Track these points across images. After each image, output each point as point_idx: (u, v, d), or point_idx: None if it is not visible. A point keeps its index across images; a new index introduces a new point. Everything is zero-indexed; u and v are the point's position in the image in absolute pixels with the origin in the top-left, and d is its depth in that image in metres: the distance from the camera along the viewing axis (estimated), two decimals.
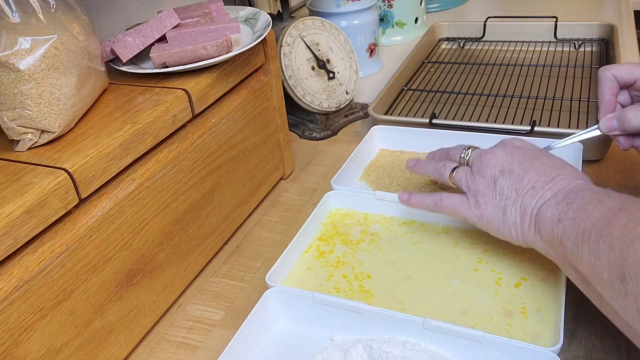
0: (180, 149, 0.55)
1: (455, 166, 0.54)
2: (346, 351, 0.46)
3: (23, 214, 0.40)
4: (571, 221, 0.42)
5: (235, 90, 0.63)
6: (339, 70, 0.87)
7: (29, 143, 0.47)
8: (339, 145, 0.84)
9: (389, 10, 1.15)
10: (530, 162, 0.49)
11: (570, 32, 1.03)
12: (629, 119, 0.52)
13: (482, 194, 0.50)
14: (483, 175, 0.50)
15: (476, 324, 0.48)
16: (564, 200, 0.44)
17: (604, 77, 0.56)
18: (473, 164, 0.52)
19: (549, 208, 0.44)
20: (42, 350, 0.42)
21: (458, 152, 0.55)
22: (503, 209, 0.49)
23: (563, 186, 0.46)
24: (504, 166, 0.49)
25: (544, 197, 0.46)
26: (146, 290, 0.52)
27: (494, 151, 0.51)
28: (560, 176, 0.47)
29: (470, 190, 0.51)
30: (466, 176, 0.52)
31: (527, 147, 0.51)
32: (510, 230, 0.49)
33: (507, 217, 0.48)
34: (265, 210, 0.71)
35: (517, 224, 0.48)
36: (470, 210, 0.51)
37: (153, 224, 0.52)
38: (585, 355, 0.47)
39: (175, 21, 0.61)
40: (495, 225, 0.49)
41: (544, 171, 0.47)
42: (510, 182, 0.48)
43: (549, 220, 0.44)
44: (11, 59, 0.43)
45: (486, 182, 0.50)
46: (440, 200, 0.53)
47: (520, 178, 0.48)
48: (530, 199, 0.47)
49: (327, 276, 0.55)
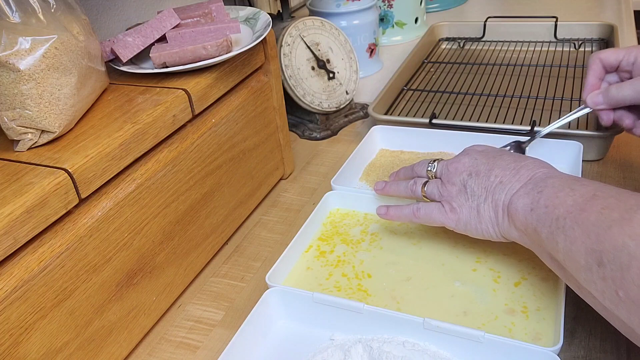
0: (180, 149, 0.55)
1: (425, 181, 0.55)
2: (346, 351, 0.46)
3: (23, 214, 0.40)
4: (544, 209, 0.43)
5: (235, 90, 0.63)
6: (339, 70, 0.87)
7: (29, 143, 0.47)
8: (339, 145, 0.84)
9: (389, 10, 1.15)
10: (493, 161, 0.51)
11: (570, 32, 1.03)
12: (612, 93, 0.58)
13: (456, 198, 0.52)
14: (453, 182, 0.52)
15: (483, 324, 0.48)
16: (534, 189, 0.45)
17: (591, 61, 0.62)
18: (442, 175, 0.54)
19: (520, 198, 0.46)
20: (42, 350, 0.42)
21: (424, 167, 0.57)
22: (477, 209, 0.50)
23: (530, 176, 0.47)
24: (471, 170, 0.51)
25: (513, 188, 0.48)
26: (146, 290, 0.52)
27: (458, 159, 0.53)
28: (524, 167, 0.48)
29: (443, 197, 0.53)
30: (437, 187, 0.54)
31: (489, 150, 0.54)
32: (488, 227, 0.50)
33: (481, 215, 0.50)
34: (265, 210, 0.71)
35: (492, 219, 0.49)
36: (447, 216, 0.52)
37: (153, 224, 0.52)
38: (585, 355, 0.47)
39: (175, 21, 0.61)
40: (473, 226, 0.51)
41: (508, 165, 0.50)
42: (479, 182, 0.50)
43: (522, 210, 0.45)
44: (11, 59, 0.43)
45: (457, 188, 0.52)
46: (417, 210, 0.54)
47: (487, 176, 0.50)
48: (499, 193, 0.49)
49: (326, 275, 0.55)
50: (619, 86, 0.58)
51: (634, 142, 0.74)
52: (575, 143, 0.65)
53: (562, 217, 0.41)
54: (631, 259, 0.35)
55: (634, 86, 0.57)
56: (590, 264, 0.38)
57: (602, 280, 0.37)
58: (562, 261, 0.42)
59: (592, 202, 0.40)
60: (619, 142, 0.74)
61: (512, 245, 0.56)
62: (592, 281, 0.38)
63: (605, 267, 0.36)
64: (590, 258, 0.38)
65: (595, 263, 0.37)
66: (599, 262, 0.37)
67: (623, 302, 0.36)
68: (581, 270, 0.39)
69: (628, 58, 0.59)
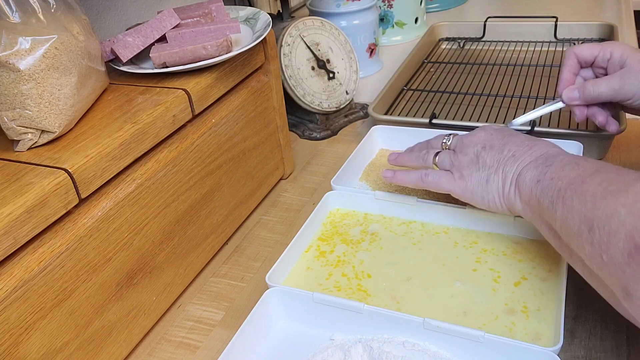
0: (180, 149, 0.55)
1: (437, 151, 0.57)
2: (346, 351, 0.46)
3: (23, 214, 0.40)
4: (549, 181, 0.45)
5: (235, 90, 0.63)
6: (339, 70, 0.87)
7: (29, 143, 0.47)
8: (339, 145, 0.84)
9: (389, 10, 1.15)
10: (509, 138, 0.53)
11: (570, 32, 1.03)
12: (588, 90, 0.59)
13: (466, 167, 0.53)
14: (466, 153, 0.54)
15: (484, 324, 0.48)
16: (544, 163, 0.47)
17: (566, 56, 0.63)
18: (456, 147, 0.56)
19: (529, 171, 0.48)
20: (42, 350, 0.42)
21: (439, 140, 0.58)
22: (486, 179, 0.52)
23: (542, 152, 0.49)
24: (485, 143, 0.53)
25: (524, 162, 0.49)
26: (146, 290, 0.52)
27: (474, 133, 0.55)
28: (537, 145, 0.50)
29: (454, 166, 0.54)
30: (449, 157, 0.55)
31: (505, 129, 0.55)
32: (494, 197, 0.51)
33: (490, 185, 0.51)
34: (265, 210, 0.71)
35: (500, 189, 0.51)
36: (455, 183, 0.54)
37: (153, 224, 0.52)
38: (585, 355, 0.47)
39: (175, 21, 0.61)
40: (480, 195, 0.52)
41: (522, 142, 0.51)
42: (492, 155, 0.52)
43: (529, 182, 0.47)
44: (11, 59, 0.43)
45: (469, 158, 0.53)
46: (426, 175, 0.56)
47: (501, 150, 0.52)
48: (510, 165, 0.50)
49: (326, 275, 0.55)
50: (595, 82, 0.59)
51: (634, 142, 0.74)
52: (575, 143, 0.65)
53: (564, 188, 0.42)
54: (619, 225, 0.36)
55: (610, 83, 0.58)
56: (582, 230, 0.39)
57: (590, 245, 0.38)
58: (558, 229, 0.43)
59: (593, 176, 0.41)
60: (619, 142, 0.74)
61: (512, 245, 0.56)
62: (582, 246, 0.40)
63: (595, 233, 0.38)
64: (583, 224, 0.39)
65: (586, 229, 0.39)
66: (590, 227, 0.38)
67: (606, 264, 0.37)
68: (573, 236, 0.41)
69: (603, 54, 0.60)
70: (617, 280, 0.36)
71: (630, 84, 0.57)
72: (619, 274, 0.36)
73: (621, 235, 0.36)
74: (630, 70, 0.58)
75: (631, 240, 0.35)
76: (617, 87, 0.58)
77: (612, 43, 0.61)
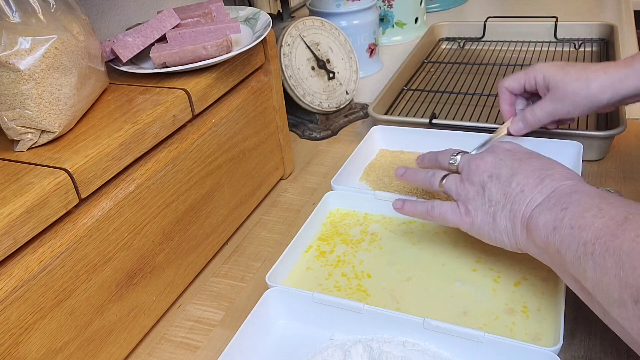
0: (180, 149, 0.55)
1: (445, 174, 0.54)
2: (346, 351, 0.46)
3: (23, 214, 0.40)
4: (569, 230, 0.40)
5: (235, 90, 0.63)
6: (339, 70, 0.87)
7: (29, 143, 0.47)
8: (339, 145, 0.84)
9: (389, 10, 1.15)
10: (518, 165, 0.48)
11: (570, 32, 1.03)
12: (528, 119, 0.63)
13: (472, 200, 0.49)
14: (472, 182, 0.50)
15: (484, 324, 0.48)
16: (557, 205, 0.42)
17: (499, 91, 0.66)
18: (463, 171, 0.52)
19: (542, 214, 0.43)
20: (42, 350, 0.42)
21: (447, 158, 0.54)
22: (492, 215, 0.48)
23: (553, 188, 0.44)
24: (492, 171, 0.49)
25: (535, 201, 0.45)
26: (146, 290, 0.52)
27: (482, 156, 0.51)
28: (549, 177, 0.46)
29: (460, 197, 0.51)
30: (456, 184, 0.52)
31: (516, 149, 0.51)
32: (502, 236, 0.48)
33: (497, 223, 0.47)
34: (265, 210, 0.71)
35: (508, 229, 0.47)
36: (461, 218, 0.50)
37: (153, 224, 0.52)
38: (585, 355, 0.47)
39: (175, 21, 0.61)
40: (487, 232, 0.49)
41: (532, 173, 0.46)
42: (498, 187, 0.48)
43: (543, 227, 0.42)
44: (11, 59, 0.43)
45: (475, 189, 0.49)
46: (432, 209, 0.52)
47: (509, 182, 0.47)
48: (519, 203, 0.46)
49: (326, 275, 0.55)
50: (532, 111, 0.62)
51: (634, 142, 0.74)
52: (575, 143, 0.65)
53: (591, 243, 0.38)
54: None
55: (543, 108, 0.61)
56: (625, 300, 0.35)
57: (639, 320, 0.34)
58: (590, 289, 0.39)
59: (623, 227, 0.36)
60: (619, 142, 0.74)
61: None
62: (627, 318, 0.35)
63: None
64: (625, 293, 0.34)
65: (631, 299, 0.34)
66: (636, 299, 0.34)
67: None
68: (614, 304, 0.36)
69: (529, 81, 0.62)
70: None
71: (560, 103, 0.59)
72: None
73: None
74: (556, 92, 0.59)
75: None
76: (550, 110, 0.60)
77: (534, 68, 0.62)
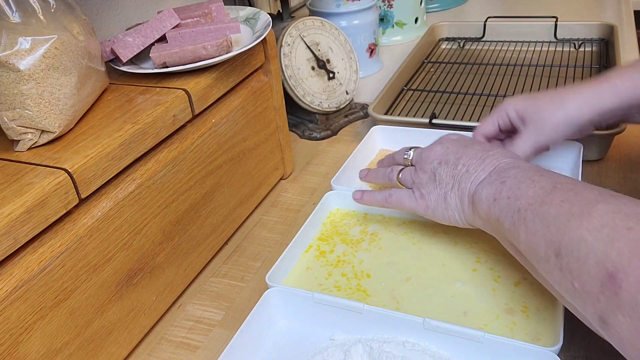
0: (180, 149, 0.55)
1: (401, 168, 0.58)
2: (346, 351, 0.46)
3: (23, 214, 0.40)
4: (506, 200, 0.45)
5: (235, 90, 0.63)
6: (339, 70, 0.87)
7: (29, 143, 0.47)
8: (339, 145, 0.84)
9: (389, 10, 1.15)
10: (463, 151, 0.52)
11: (570, 32, 1.03)
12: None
13: (425, 185, 0.54)
14: (424, 170, 0.54)
15: (485, 324, 0.48)
16: (498, 180, 0.47)
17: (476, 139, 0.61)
18: (416, 163, 0.56)
19: (484, 188, 0.48)
20: (42, 350, 0.42)
21: (401, 155, 0.59)
22: (444, 196, 0.52)
23: (494, 165, 0.49)
24: (441, 158, 0.53)
25: (478, 178, 0.49)
26: (146, 290, 0.52)
27: (432, 147, 0.55)
28: (490, 157, 0.50)
29: (415, 185, 0.55)
30: (410, 174, 0.56)
31: (461, 139, 0.55)
32: (454, 214, 0.52)
33: (448, 202, 0.52)
34: (265, 210, 0.71)
35: (458, 206, 0.51)
36: (417, 202, 0.54)
37: (153, 224, 0.52)
38: (585, 355, 0.47)
39: (175, 21, 0.61)
40: (440, 213, 0.53)
41: (475, 154, 0.51)
42: (447, 171, 0.52)
43: (485, 200, 0.47)
44: (11, 59, 0.43)
45: (427, 176, 0.54)
46: (390, 196, 0.56)
47: (455, 165, 0.52)
48: (465, 182, 0.50)
49: (326, 275, 0.55)
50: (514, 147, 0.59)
51: (634, 142, 0.74)
52: (575, 143, 0.65)
53: (524, 209, 0.42)
54: (588, 252, 0.36)
55: (526, 141, 0.58)
56: (549, 255, 0.39)
57: (559, 271, 0.38)
58: (524, 251, 0.43)
59: (552, 195, 0.41)
60: (619, 142, 0.74)
61: None
62: (550, 271, 0.40)
63: (563, 259, 0.38)
64: (549, 249, 0.39)
65: (553, 254, 0.39)
66: (557, 253, 0.38)
67: (578, 292, 0.37)
68: (541, 260, 0.40)
69: (503, 119, 0.61)
70: (592, 308, 0.36)
71: (541, 131, 0.58)
72: (594, 302, 0.35)
73: (591, 262, 0.35)
74: (533, 121, 0.58)
75: (603, 269, 0.34)
76: (533, 141, 0.58)
77: (502, 106, 0.60)
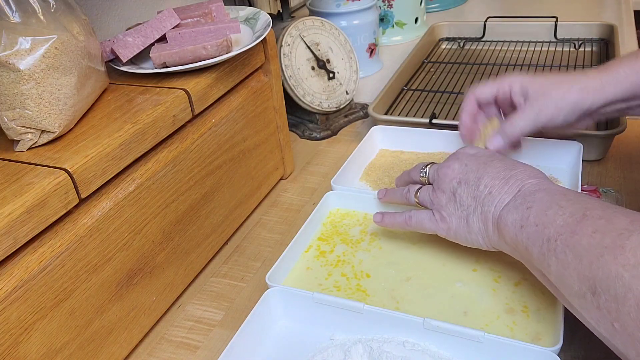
0: (180, 149, 0.55)
1: (418, 187, 0.55)
2: (346, 351, 0.46)
3: (23, 214, 0.40)
4: (534, 227, 0.42)
5: (235, 90, 0.63)
6: (339, 70, 0.87)
7: (29, 143, 0.47)
8: (339, 145, 0.84)
9: (389, 10, 1.15)
10: (484, 168, 0.50)
11: (570, 32, 1.03)
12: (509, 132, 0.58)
13: (445, 207, 0.51)
14: (443, 190, 0.52)
15: (486, 324, 0.48)
16: (523, 204, 0.44)
17: (465, 99, 0.62)
18: (433, 181, 0.54)
19: (510, 213, 0.45)
20: (42, 350, 0.42)
21: (417, 172, 0.57)
22: (466, 219, 0.50)
23: (519, 186, 0.46)
24: (460, 177, 0.51)
25: (503, 201, 0.47)
26: (146, 290, 0.52)
27: (449, 164, 0.52)
28: (514, 177, 0.47)
29: (434, 205, 0.52)
30: (429, 194, 0.53)
31: (480, 153, 0.53)
32: (477, 237, 0.49)
33: (470, 226, 0.49)
34: (265, 210, 0.71)
35: (482, 230, 0.49)
36: (438, 225, 0.52)
37: (153, 224, 0.52)
38: (585, 355, 0.47)
39: (175, 21, 0.61)
40: (463, 236, 0.50)
41: (498, 174, 0.48)
42: (468, 192, 0.49)
43: (512, 226, 0.44)
44: (11, 59, 0.43)
45: (447, 196, 0.51)
46: (410, 218, 0.54)
47: (477, 185, 0.49)
48: (489, 205, 0.47)
49: (326, 275, 0.55)
50: (511, 123, 0.58)
51: (634, 142, 0.74)
52: (575, 143, 0.65)
53: (553, 239, 0.40)
54: (626, 291, 0.34)
55: (525, 117, 0.57)
56: (584, 292, 0.37)
57: (597, 310, 0.36)
58: (555, 283, 0.41)
59: (582, 224, 0.39)
60: (619, 142, 0.74)
61: None
62: (587, 308, 0.38)
63: (600, 297, 0.36)
64: (583, 285, 0.37)
65: (589, 291, 0.37)
66: (593, 290, 0.36)
67: (619, 333, 0.35)
68: (575, 295, 0.38)
69: (503, 89, 0.60)
70: (634, 352, 0.34)
71: (543, 109, 0.56)
72: (635, 345, 0.34)
73: (631, 302, 0.33)
74: (538, 97, 0.57)
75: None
76: (533, 117, 0.56)
77: (508, 77, 0.60)
